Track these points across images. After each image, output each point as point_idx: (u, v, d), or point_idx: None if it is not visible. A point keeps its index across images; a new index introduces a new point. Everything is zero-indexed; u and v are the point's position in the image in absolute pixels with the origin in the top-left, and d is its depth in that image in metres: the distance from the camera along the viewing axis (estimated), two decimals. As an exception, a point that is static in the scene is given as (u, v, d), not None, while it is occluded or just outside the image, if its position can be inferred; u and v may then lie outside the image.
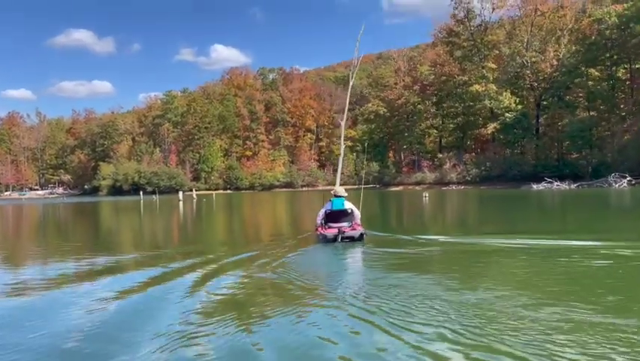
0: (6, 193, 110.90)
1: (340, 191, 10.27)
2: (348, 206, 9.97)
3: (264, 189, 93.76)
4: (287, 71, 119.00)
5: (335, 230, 9.40)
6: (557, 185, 46.21)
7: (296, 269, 6.81)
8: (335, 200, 10.02)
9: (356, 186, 65.98)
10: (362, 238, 9.32)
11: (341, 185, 12.72)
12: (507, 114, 59.82)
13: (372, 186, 70.73)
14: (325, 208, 10.06)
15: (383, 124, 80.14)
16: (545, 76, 59.61)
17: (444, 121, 75.87)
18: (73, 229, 20.01)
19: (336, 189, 10.57)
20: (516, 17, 63.03)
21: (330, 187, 16.37)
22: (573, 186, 45.68)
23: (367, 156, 65.48)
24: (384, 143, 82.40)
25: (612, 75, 56.57)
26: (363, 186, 19.21)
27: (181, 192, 47.50)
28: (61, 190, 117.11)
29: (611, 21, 50.81)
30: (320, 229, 9.79)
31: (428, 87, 74.39)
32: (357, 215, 10.02)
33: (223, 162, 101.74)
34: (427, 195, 33.50)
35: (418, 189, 59.41)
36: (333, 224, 9.76)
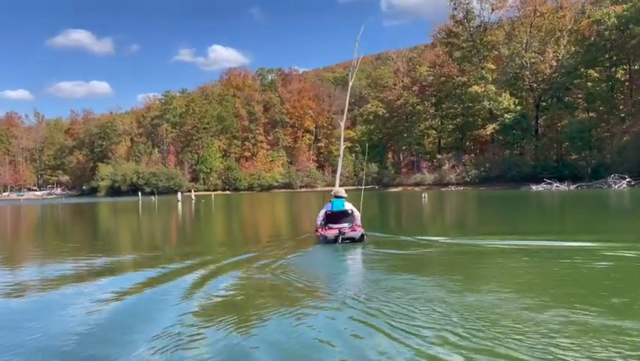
0: (4, 194, 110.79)
1: (340, 192, 10.23)
2: (349, 207, 9.92)
3: (262, 190, 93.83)
4: (286, 71, 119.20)
5: (335, 231, 9.35)
6: (557, 186, 46.21)
7: (295, 271, 6.75)
8: (335, 201, 9.98)
9: (355, 187, 66.14)
10: (362, 239, 9.27)
11: (340, 186, 12.68)
12: (506, 115, 59.76)
13: (371, 187, 70.77)
14: (325, 209, 10.01)
15: (382, 125, 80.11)
16: (544, 77, 59.61)
17: (443, 122, 75.82)
18: (71, 229, 19.94)
19: (336, 189, 10.53)
20: (515, 18, 62.93)
21: (329, 188, 16.33)
22: (572, 187, 45.66)
23: (366, 156, 65.68)
24: (383, 144, 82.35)
25: (611, 76, 56.53)
26: (363, 187, 19.15)
27: (179, 193, 47.49)
28: (59, 191, 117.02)
29: (610, 22, 50.77)
30: (320, 229, 9.73)
31: (427, 88, 74.35)
32: (358, 216, 9.97)
33: (222, 162, 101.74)
34: (426, 195, 33.47)
35: (417, 190, 59.39)
36: (334, 225, 9.71)
